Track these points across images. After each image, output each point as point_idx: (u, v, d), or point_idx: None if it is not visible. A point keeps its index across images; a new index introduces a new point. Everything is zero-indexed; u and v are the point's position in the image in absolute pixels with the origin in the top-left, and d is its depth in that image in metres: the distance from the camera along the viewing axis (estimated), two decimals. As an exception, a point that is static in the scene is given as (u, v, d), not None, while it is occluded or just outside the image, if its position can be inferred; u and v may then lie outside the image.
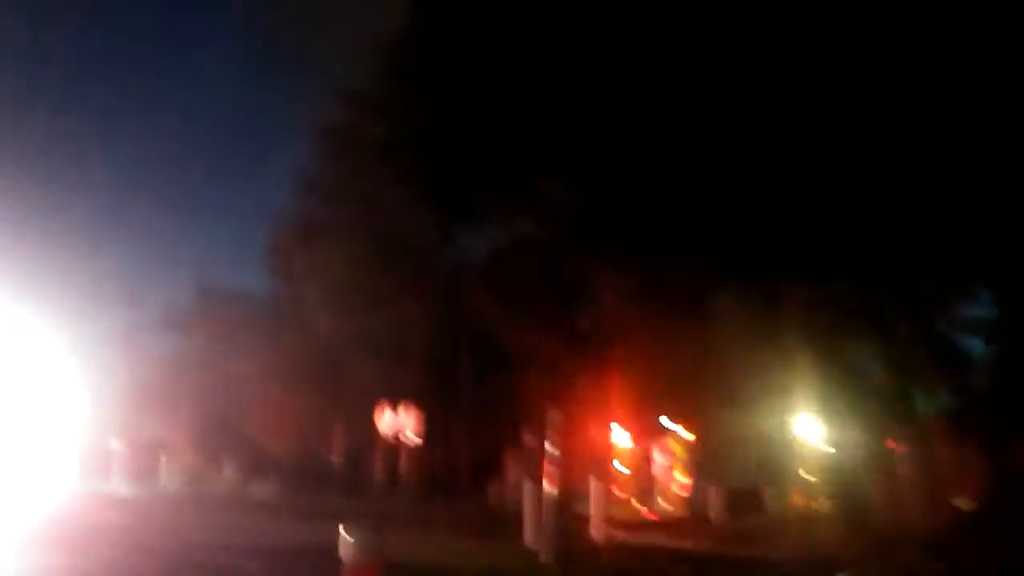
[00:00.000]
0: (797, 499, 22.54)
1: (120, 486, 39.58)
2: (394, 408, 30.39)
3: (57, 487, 35.33)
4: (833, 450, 16.57)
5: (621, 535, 18.40)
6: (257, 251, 35.15)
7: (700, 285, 14.31)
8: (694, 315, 16.56)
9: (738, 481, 23.34)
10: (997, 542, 10.82)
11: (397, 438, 30.10)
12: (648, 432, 27.25)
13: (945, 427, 23.78)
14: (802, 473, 23.05)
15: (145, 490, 38.14)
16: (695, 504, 24.17)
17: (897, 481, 13.57)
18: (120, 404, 40.37)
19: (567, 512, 20.85)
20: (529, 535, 15.68)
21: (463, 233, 24.55)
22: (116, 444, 43.91)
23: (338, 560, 6.41)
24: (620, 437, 27.79)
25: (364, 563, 2.70)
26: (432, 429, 29.86)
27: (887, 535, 11.84)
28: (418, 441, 29.01)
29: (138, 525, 22.35)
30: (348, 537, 2.66)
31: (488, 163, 16.35)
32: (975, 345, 15.94)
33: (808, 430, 20.80)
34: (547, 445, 16.08)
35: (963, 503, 16.23)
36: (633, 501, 26.76)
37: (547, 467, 15.85)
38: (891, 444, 14.23)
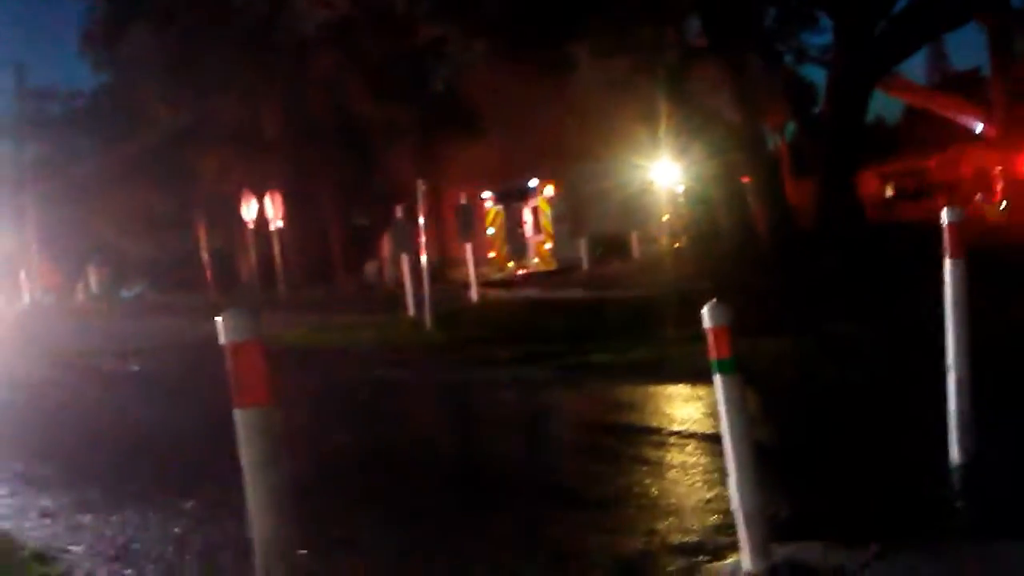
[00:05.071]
0: (661, 241, 23.84)
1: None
2: (256, 196, 29.58)
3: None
4: (690, 191, 17.34)
5: (496, 293, 19.18)
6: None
7: (552, 38, 14.00)
8: (548, 71, 16.37)
9: (605, 231, 24.34)
10: (829, 261, 11.79)
11: (265, 228, 29.57)
12: (515, 192, 27.70)
13: (790, 157, 25.12)
14: (663, 216, 24.26)
15: (9, 308, 36.62)
16: (565, 258, 25.17)
17: (748, 213, 14.35)
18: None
19: (444, 279, 21.44)
20: (410, 306, 16.04)
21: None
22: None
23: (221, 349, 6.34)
24: (488, 200, 28.20)
25: (243, 341, 2.68)
26: (300, 214, 29.42)
27: (737, 263, 12.69)
28: (281, 226, 28.52)
29: (15, 338, 21.66)
30: (224, 321, 2.63)
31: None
32: (817, 74, 16.54)
33: (666, 173, 21.57)
34: (418, 217, 16.13)
35: (808, 229, 17.46)
36: (505, 261, 27.67)
37: (419, 238, 15.98)
38: (745, 179, 14.92)
